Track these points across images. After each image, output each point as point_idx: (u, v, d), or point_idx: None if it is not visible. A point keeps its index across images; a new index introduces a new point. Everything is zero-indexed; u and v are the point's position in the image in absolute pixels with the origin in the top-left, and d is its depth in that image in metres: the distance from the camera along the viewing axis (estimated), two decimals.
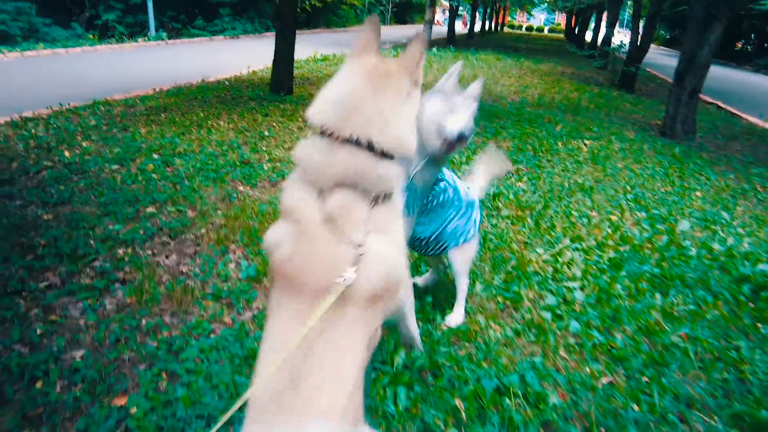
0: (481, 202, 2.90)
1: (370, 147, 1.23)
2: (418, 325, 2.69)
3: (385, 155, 1.25)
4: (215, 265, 3.22)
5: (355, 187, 1.22)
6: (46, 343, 2.40)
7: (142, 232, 3.53)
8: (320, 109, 1.28)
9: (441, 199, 2.54)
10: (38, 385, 2.15)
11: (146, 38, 17.37)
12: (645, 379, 2.47)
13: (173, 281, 2.99)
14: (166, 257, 3.29)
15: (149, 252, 3.32)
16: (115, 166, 4.75)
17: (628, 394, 2.36)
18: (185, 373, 2.24)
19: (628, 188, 5.19)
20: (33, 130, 5.73)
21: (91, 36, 16.21)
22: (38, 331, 2.46)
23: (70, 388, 2.14)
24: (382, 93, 1.26)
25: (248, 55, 13.50)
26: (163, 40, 17.55)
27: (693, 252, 3.80)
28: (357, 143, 1.22)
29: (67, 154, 5.02)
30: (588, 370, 2.50)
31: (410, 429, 2.05)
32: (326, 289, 1.13)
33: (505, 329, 2.74)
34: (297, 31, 8.55)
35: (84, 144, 5.37)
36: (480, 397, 2.21)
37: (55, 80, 9.39)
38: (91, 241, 3.35)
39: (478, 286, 3.09)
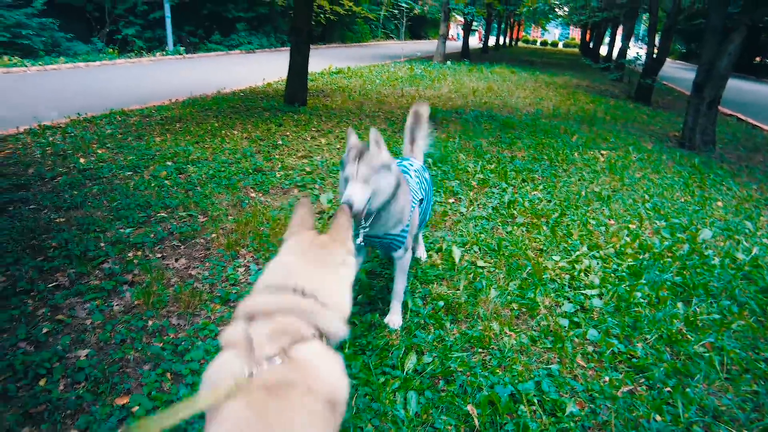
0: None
1: (313, 297, 1.33)
2: (431, 332, 2.62)
3: (325, 307, 1.34)
4: (224, 269, 3.18)
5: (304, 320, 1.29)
6: (51, 342, 2.37)
7: (152, 235, 3.51)
8: (267, 274, 1.40)
9: None
10: (41, 382, 2.11)
11: (164, 52, 17.67)
12: (668, 389, 2.36)
13: (182, 284, 2.95)
14: (176, 260, 3.26)
15: (159, 255, 3.30)
16: (128, 173, 4.77)
17: (650, 404, 2.25)
18: (190, 373, 2.19)
19: (647, 197, 5.07)
20: (51, 138, 5.80)
21: (110, 50, 16.54)
22: (44, 330, 2.44)
23: (73, 386, 2.10)
24: (320, 264, 1.40)
25: (264, 68, 13.66)
26: (180, 54, 17.85)
27: (716, 261, 3.67)
28: (302, 293, 1.32)
29: (82, 160, 5.06)
30: (607, 379, 2.39)
31: None
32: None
33: (520, 336, 2.65)
34: (312, 46, 8.62)
35: (99, 151, 5.41)
36: (494, 403, 2.12)
37: (75, 92, 9.55)
38: (102, 244, 3.34)
39: (493, 293, 3.00)
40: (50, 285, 2.84)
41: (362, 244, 2.47)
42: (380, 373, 2.29)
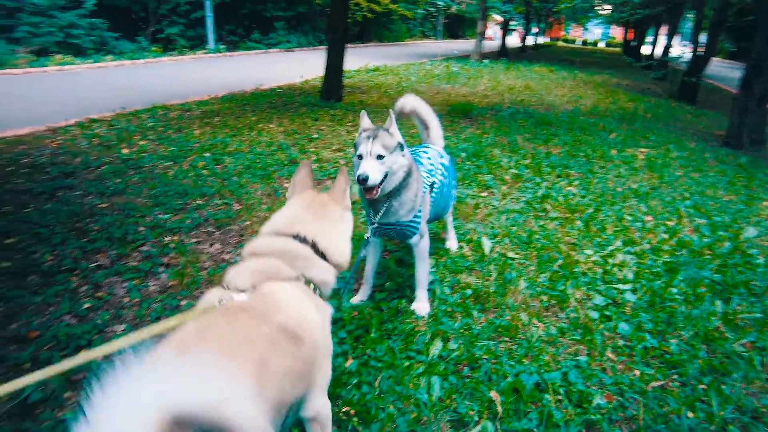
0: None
1: (313, 246, 1.48)
2: (458, 320, 2.62)
3: (323, 257, 1.49)
4: None
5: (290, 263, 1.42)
6: (91, 317, 2.49)
7: (189, 221, 3.63)
8: (273, 221, 1.55)
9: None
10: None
11: (205, 51, 18.16)
12: (702, 386, 2.29)
13: (215, 267, 3.04)
14: (210, 245, 3.35)
15: (194, 240, 3.40)
16: (168, 163, 4.93)
17: (682, 400, 2.18)
18: None
19: (687, 195, 4.91)
20: (97, 130, 6.06)
21: (154, 49, 17.12)
22: (85, 306, 2.56)
23: (110, 358, 2.20)
24: (320, 216, 1.56)
25: (302, 66, 13.84)
26: (221, 52, 18.30)
27: (760, 260, 3.53)
28: (302, 240, 1.47)
29: (125, 151, 5.26)
30: (638, 372, 2.34)
31: (442, 418, 1.97)
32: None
33: (548, 327, 2.62)
34: (350, 45, 8.71)
35: (141, 143, 5.61)
36: (518, 391, 2.11)
37: (121, 88, 9.92)
38: (141, 228, 3.47)
39: (523, 284, 2.97)
40: (92, 264, 2.97)
41: (374, 234, 2.51)
42: (405, 357, 2.30)
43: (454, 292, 2.88)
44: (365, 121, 2.40)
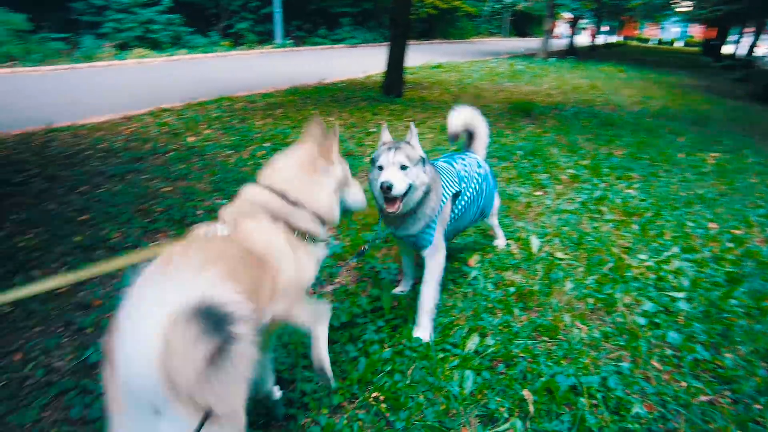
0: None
1: (282, 195, 1.67)
2: (498, 316, 2.60)
3: (295, 204, 1.68)
4: None
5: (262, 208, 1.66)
6: None
7: None
8: (264, 171, 1.79)
9: None
10: None
11: (273, 45, 18.73)
12: (758, 406, 2.14)
13: None
14: None
15: None
16: (229, 151, 5.16)
17: (732, 418, 2.06)
18: None
19: (760, 203, 4.58)
20: (167, 119, 6.42)
21: (224, 43, 17.86)
22: None
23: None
24: (303, 170, 1.76)
25: (365, 61, 13.98)
26: (287, 47, 18.81)
27: None
28: (272, 191, 1.68)
29: (190, 139, 5.54)
30: (684, 385, 2.23)
31: (471, 412, 1.97)
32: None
33: (592, 330, 2.54)
34: (415, 41, 8.77)
35: (206, 132, 5.89)
36: (552, 392, 2.07)
37: (192, 80, 10.44)
38: (199, 212, 3.66)
39: (569, 284, 2.90)
40: (152, 243, 3.17)
41: (394, 237, 2.53)
42: (440, 349, 2.31)
43: (497, 288, 2.85)
44: (385, 135, 2.39)
